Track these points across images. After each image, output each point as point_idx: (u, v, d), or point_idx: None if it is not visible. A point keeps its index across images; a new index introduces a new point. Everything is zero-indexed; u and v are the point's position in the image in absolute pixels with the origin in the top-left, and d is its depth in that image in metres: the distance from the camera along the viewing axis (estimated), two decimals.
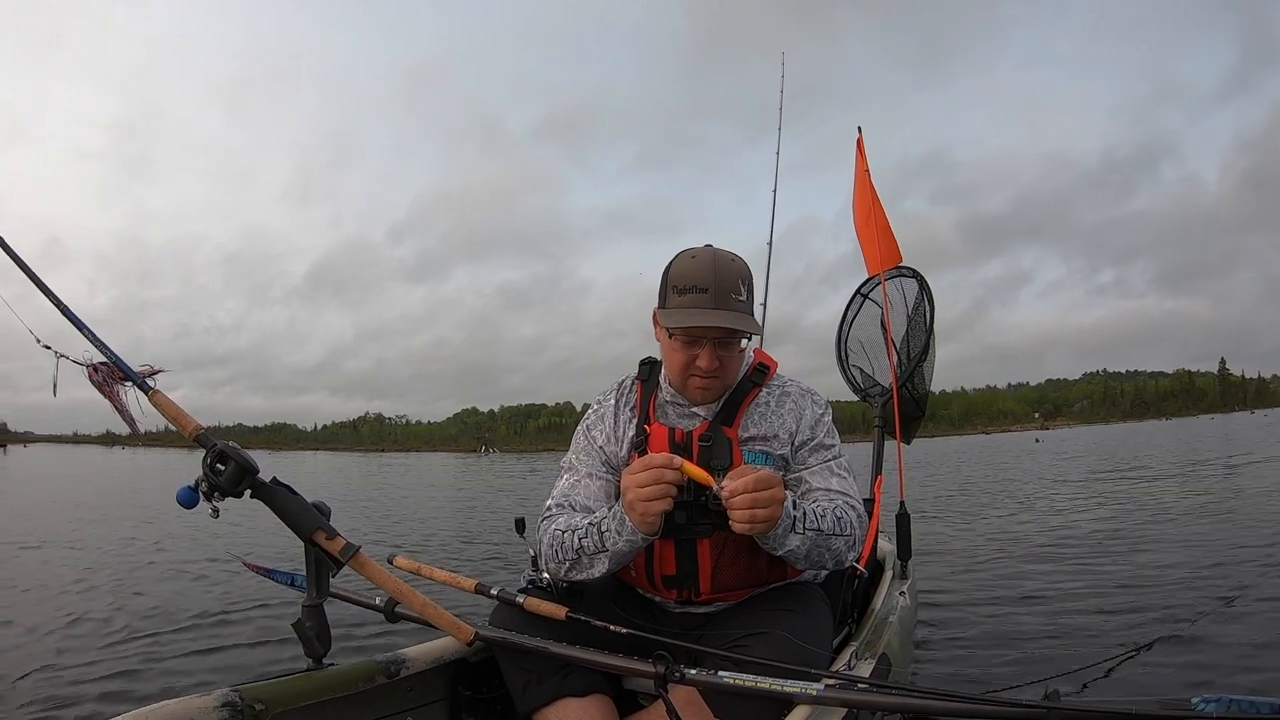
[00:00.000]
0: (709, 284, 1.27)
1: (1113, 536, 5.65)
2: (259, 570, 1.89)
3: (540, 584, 1.39)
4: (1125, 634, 2.97)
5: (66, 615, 3.84)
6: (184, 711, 0.98)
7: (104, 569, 5.32)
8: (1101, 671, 2.53)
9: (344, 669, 1.22)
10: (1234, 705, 0.85)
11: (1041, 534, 6.09)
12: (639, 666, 1.17)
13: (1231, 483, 9.49)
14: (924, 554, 4.95)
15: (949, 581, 4.24)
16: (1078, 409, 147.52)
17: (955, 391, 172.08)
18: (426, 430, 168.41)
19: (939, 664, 2.77)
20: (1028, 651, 2.85)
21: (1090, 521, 6.61)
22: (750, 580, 1.35)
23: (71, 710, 2.49)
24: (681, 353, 1.31)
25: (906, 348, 2.69)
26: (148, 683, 2.75)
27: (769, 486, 1.13)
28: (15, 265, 1.11)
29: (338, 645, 1.24)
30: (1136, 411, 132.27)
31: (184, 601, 4.15)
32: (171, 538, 6.98)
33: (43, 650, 3.17)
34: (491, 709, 1.41)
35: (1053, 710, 0.92)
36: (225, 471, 1.08)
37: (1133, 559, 4.64)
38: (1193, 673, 2.49)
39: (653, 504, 1.14)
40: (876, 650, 1.52)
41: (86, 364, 1.13)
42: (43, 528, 8.32)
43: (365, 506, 11.13)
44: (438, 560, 3.39)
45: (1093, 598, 3.66)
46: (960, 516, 7.68)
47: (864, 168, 2.82)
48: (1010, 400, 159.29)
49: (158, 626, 3.58)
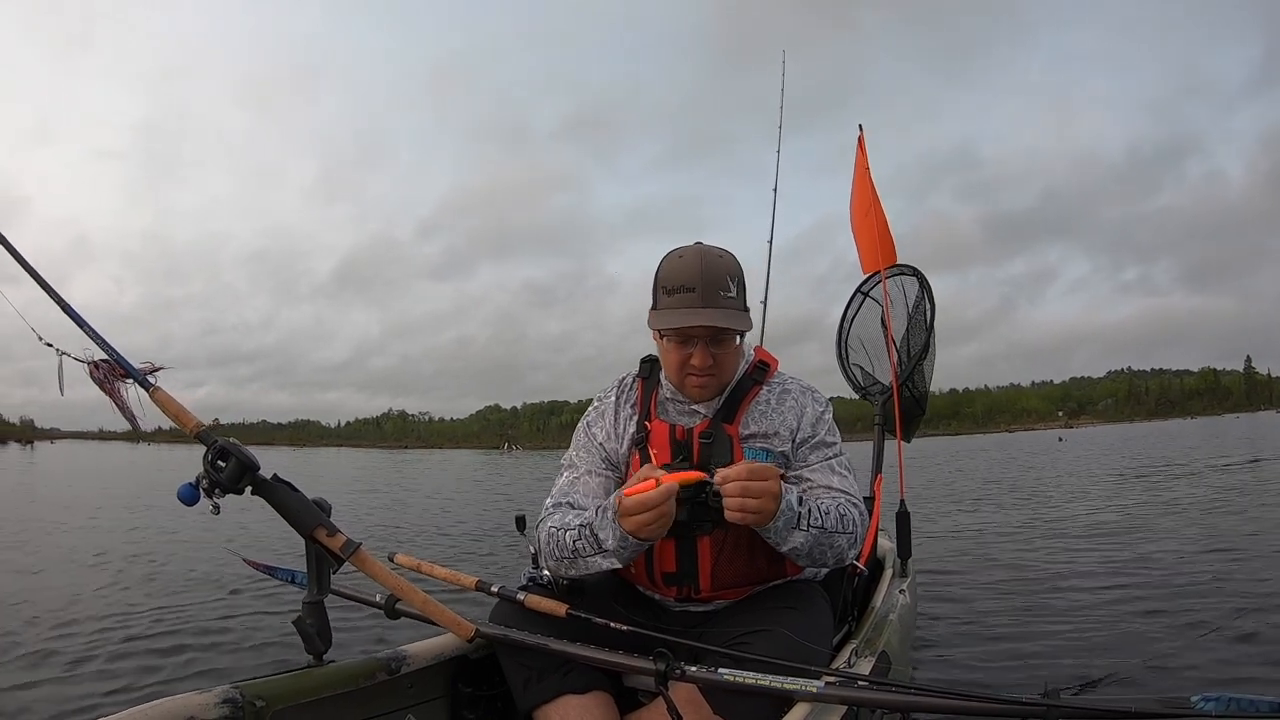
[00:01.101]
0: (696, 283, 1.28)
1: (1118, 535, 5.66)
2: (259, 567, 1.89)
3: (541, 581, 1.39)
4: (1126, 633, 2.98)
5: (67, 614, 3.85)
6: (185, 708, 0.98)
7: (105, 567, 5.33)
8: (1101, 669, 2.54)
9: (345, 666, 1.23)
10: (1233, 704, 0.85)
11: (1043, 533, 6.10)
12: (639, 664, 1.17)
13: (1245, 481, 9.40)
14: (925, 552, 4.95)
15: (949, 579, 4.24)
16: (1102, 407, 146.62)
17: (979, 389, 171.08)
18: (449, 427, 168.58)
19: (939, 662, 2.77)
20: (1027, 649, 2.86)
21: (1095, 520, 6.62)
22: (750, 578, 1.35)
23: (72, 706, 2.49)
24: (675, 352, 1.32)
25: (907, 346, 2.69)
26: (148, 679, 2.75)
27: (763, 478, 1.14)
28: (21, 266, 1.11)
29: (338, 642, 1.24)
30: (1161, 410, 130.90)
31: (184, 598, 4.15)
32: (172, 534, 6.98)
33: (43, 648, 3.17)
34: (492, 706, 1.41)
35: (1052, 708, 0.92)
36: (226, 468, 1.08)
37: (1136, 558, 4.64)
38: (1193, 671, 2.49)
39: (654, 528, 1.15)
40: (876, 648, 1.52)
41: (87, 361, 1.13)
42: (49, 523, 8.33)
43: (383, 503, 11.14)
44: (439, 558, 3.40)
45: (1094, 596, 3.67)
46: (962, 515, 7.68)
47: (864, 166, 2.82)
48: (1035, 398, 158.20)
49: (158, 623, 3.58)
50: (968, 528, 6.64)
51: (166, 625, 3.55)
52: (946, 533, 6.31)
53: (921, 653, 2.83)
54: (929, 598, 3.66)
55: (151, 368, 1.17)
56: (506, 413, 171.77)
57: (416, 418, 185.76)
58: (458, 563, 5.36)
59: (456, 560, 5.64)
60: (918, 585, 2.61)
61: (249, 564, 1.98)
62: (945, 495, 10.00)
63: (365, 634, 3.02)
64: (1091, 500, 8.37)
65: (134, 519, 8.69)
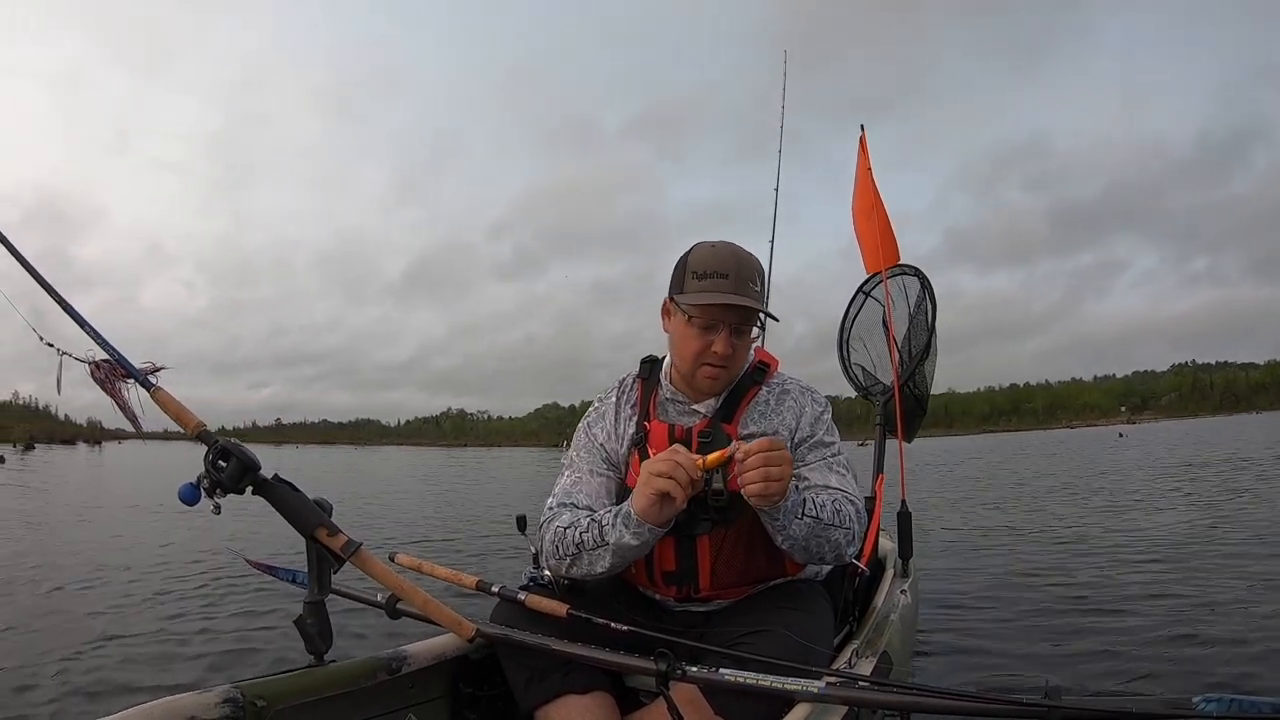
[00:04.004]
0: (730, 270, 1.29)
1: (1125, 534, 5.64)
2: (260, 567, 1.89)
3: (541, 581, 1.39)
4: (1128, 633, 2.97)
5: (67, 614, 3.85)
6: (186, 708, 0.98)
7: (107, 567, 5.33)
8: (1103, 670, 2.53)
9: (345, 665, 1.23)
10: (1235, 704, 0.85)
11: (1045, 531, 6.09)
12: (640, 664, 1.17)
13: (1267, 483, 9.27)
14: (928, 552, 4.95)
15: (951, 579, 4.24)
16: (1165, 402, 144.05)
17: (1039, 384, 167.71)
18: (508, 425, 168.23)
19: (940, 662, 2.77)
20: (1029, 650, 2.85)
21: (1101, 520, 6.60)
22: (750, 577, 1.36)
23: (72, 706, 2.50)
24: (697, 339, 1.32)
25: (908, 346, 2.69)
26: (148, 679, 2.76)
27: (780, 448, 1.14)
28: (23, 267, 1.11)
29: (339, 642, 1.24)
30: (1227, 405, 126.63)
31: (186, 598, 4.16)
32: (175, 534, 6.99)
33: (43, 648, 3.18)
34: (493, 706, 1.41)
35: (1054, 708, 0.92)
36: (227, 468, 1.08)
37: (1140, 557, 4.63)
38: (1195, 671, 2.49)
39: (656, 479, 1.14)
40: (878, 648, 1.52)
41: (89, 361, 1.14)
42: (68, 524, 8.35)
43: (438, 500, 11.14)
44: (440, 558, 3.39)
45: (1095, 595, 3.66)
46: (963, 514, 7.67)
47: (866, 166, 2.82)
48: (1096, 393, 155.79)
49: (158, 622, 3.59)
50: (971, 527, 6.63)
51: (167, 624, 3.55)
52: (948, 532, 6.30)
53: (923, 653, 2.83)
54: (931, 598, 3.65)
55: (153, 367, 1.17)
56: (565, 410, 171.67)
57: (475, 416, 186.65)
58: (474, 561, 5.37)
59: (477, 559, 5.65)
60: (919, 585, 2.60)
61: (250, 564, 1.98)
62: (962, 497, 9.90)
63: (366, 634, 3.02)
64: (1117, 501, 8.23)
65: (137, 519, 8.70)
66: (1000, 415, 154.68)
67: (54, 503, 11.91)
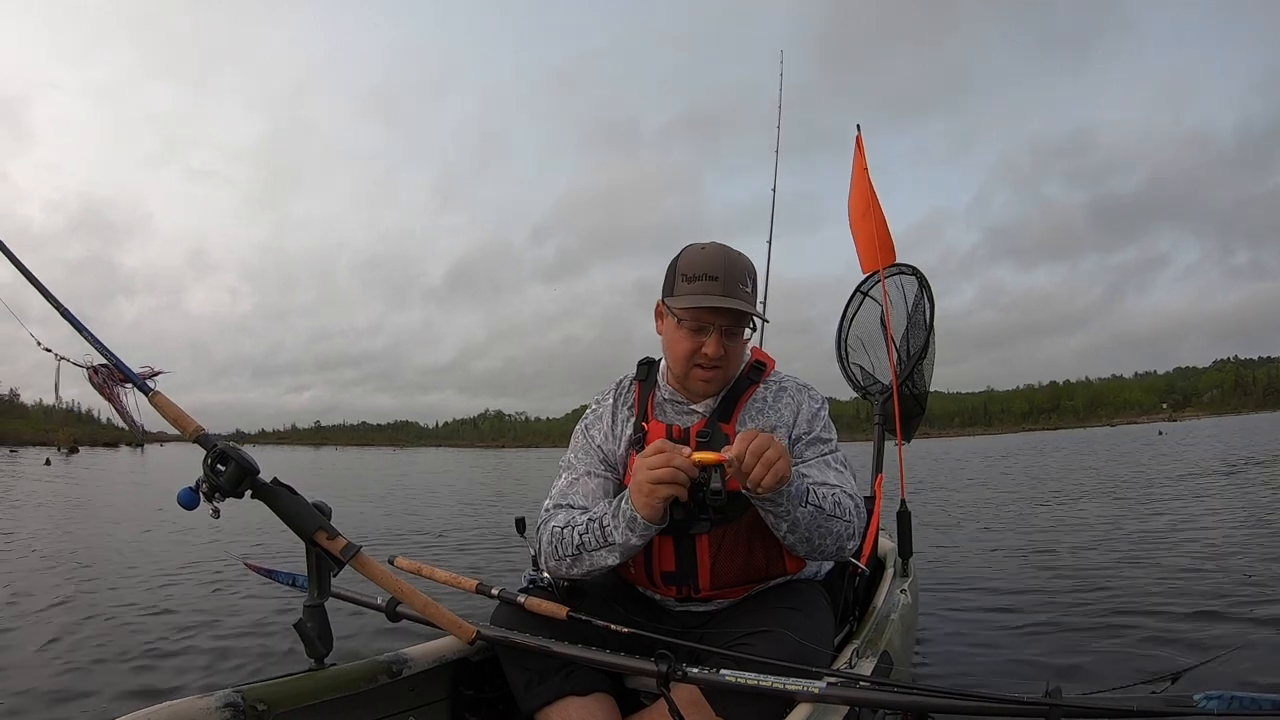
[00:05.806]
0: (719, 272, 1.29)
1: (1125, 534, 5.64)
2: (260, 570, 1.89)
3: (541, 583, 1.39)
4: (1128, 631, 2.97)
5: (67, 615, 3.84)
6: (186, 712, 0.98)
7: (107, 568, 5.32)
8: (1104, 668, 2.53)
9: (346, 669, 1.23)
10: (1235, 702, 0.85)
11: (1046, 531, 6.09)
12: (641, 665, 1.17)
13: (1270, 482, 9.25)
14: (928, 552, 4.95)
15: (952, 579, 4.24)
16: (1207, 398, 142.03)
17: (1080, 381, 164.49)
18: (545, 426, 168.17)
19: (941, 661, 2.77)
20: (1030, 648, 2.85)
21: (1102, 520, 6.60)
22: (749, 575, 1.35)
23: (73, 709, 2.49)
24: (688, 341, 1.32)
25: (906, 346, 2.70)
26: (149, 683, 2.75)
27: (758, 436, 1.13)
28: (19, 272, 1.11)
29: (339, 645, 1.24)
30: (1270, 401, 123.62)
31: (186, 602, 4.15)
32: (174, 537, 6.98)
33: (43, 650, 3.17)
34: (494, 708, 1.41)
35: (1054, 707, 0.92)
36: (226, 472, 1.08)
37: (1141, 557, 4.63)
38: (1197, 670, 2.48)
39: (659, 487, 1.14)
40: (878, 648, 1.52)
41: (87, 366, 1.14)
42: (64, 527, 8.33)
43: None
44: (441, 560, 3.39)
45: (1096, 595, 3.66)
46: (965, 514, 7.68)
47: (862, 165, 2.82)
48: (1137, 390, 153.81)
49: (159, 626, 3.58)
50: (973, 527, 6.63)
51: (167, 628, 3.54)
52: (948, 532, 6.31)
53: (924, 652, 2.83)
54: (931, 597, 3.65)
55: (151, 372, 1.17)
56: None
57: (513, 418, 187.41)
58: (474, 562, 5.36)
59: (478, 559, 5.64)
60: (919, 585, 2.60)
61: (250, 567, 1.98)
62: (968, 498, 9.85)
63: (366, 637, 3.02)
64: (1118, 500, 8.21)
65: (139, 523, 8.69)
66: (1040, 413, 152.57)
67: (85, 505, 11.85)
